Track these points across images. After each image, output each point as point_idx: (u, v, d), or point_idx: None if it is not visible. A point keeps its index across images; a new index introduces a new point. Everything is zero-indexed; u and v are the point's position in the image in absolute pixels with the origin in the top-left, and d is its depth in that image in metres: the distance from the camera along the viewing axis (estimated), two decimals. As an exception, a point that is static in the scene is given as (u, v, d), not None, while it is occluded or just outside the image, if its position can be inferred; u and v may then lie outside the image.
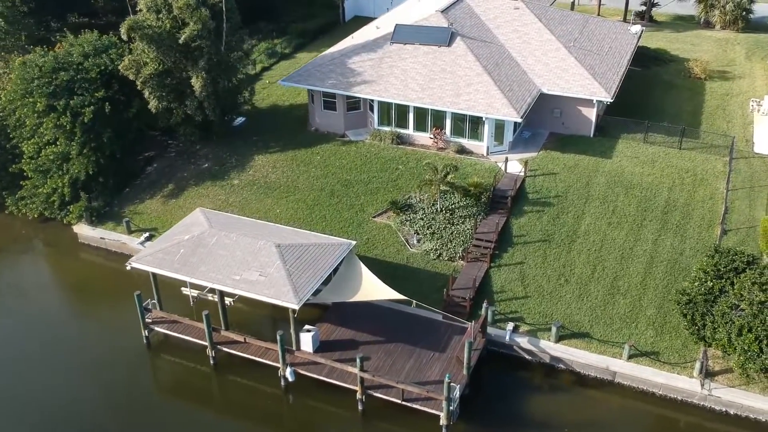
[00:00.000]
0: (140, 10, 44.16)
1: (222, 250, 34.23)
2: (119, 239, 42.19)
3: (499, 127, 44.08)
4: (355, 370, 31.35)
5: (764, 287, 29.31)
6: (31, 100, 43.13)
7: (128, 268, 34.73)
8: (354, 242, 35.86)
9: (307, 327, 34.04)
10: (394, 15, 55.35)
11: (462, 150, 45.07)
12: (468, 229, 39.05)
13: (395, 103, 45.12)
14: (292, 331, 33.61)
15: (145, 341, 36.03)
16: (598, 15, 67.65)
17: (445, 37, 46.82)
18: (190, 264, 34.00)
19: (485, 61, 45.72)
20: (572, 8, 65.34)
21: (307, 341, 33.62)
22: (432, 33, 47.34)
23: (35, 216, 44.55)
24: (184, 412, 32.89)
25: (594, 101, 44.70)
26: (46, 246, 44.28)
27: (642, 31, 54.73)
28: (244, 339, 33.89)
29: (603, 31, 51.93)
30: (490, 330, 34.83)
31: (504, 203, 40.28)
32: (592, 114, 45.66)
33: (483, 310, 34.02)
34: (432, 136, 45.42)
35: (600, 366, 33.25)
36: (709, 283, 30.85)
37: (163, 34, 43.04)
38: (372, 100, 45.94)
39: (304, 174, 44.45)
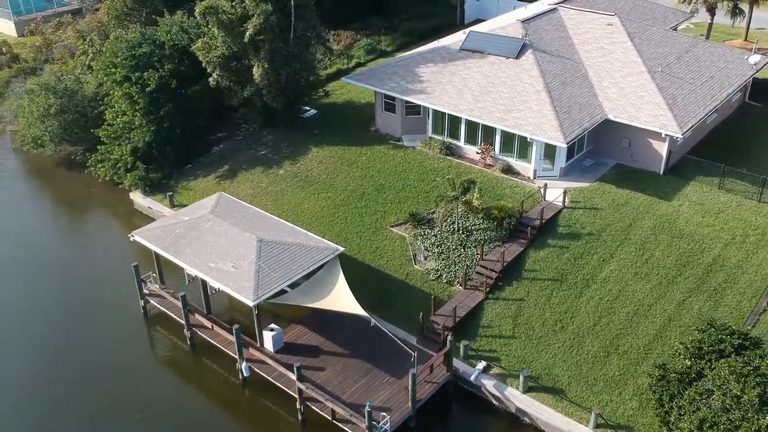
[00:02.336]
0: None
1: (210, 236, 35.02)
2: (162, 211, 44.61)
3: (551, 149, 40.68)
4: (293, 377, 30.76)
5: (744, 379, 24.49)
6: (113, 71, 46.75)
7: (131, 239, 36.69)
8: (341, 249, 35.05)
9: (271, 326, 33.93)
10: (498, 20, 52.93)
11: (509, 169, 42.19)
12: (476, 253, 36.62)
13: (447, 113, 43.23)
14: (256, 327, 33.75)
15: (142, 311, 37.92)
16: (745, 39, 59.97)
17: (514, 49, 43.96)
18: (179, 245, 35.16)
19: (551, 78, 42.29)
20: (708, 33, 58.33)
21: (268, 340, 33.52)
22: (503, 43, 44.64)
23: (106, 179, 48.31)
24: (151, 384, 34.04)
25: (663, 135, 39.72)
26: (105, 207, 47.88)
27: (766, 63, 47.55)
28: (212, 326, 34.51)
29: (710, 58, 45.82)
30: (460, 365, 32.52)
31: (530, 232, 37.21)
32: (662, 148, 40.63)
33: (448, 342, 31.77)
34: (479, 151, 42.98)
35: (563, 429, 29.79)
36: (687, 361, 26.38)
37: (234, 21, 44.56)
38: (427, 107, 44.41)
39: (345, 173, 44.08)
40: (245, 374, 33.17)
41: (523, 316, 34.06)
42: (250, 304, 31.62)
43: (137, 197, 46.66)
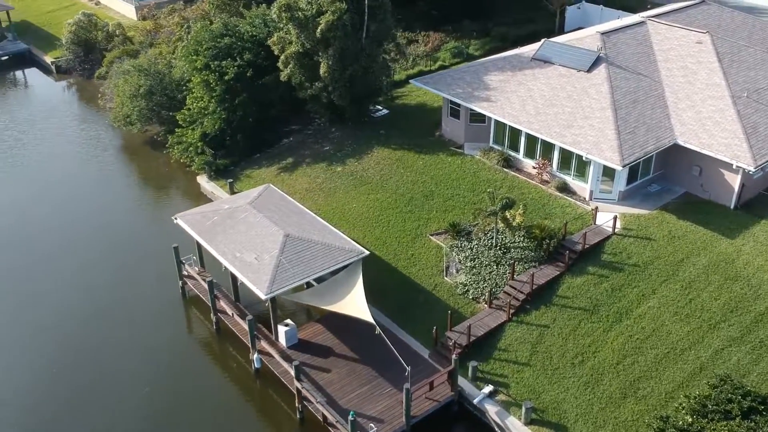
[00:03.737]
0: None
1: (243, 226, 35.71)
2: (222, 196, 46.00)
3: (610, 171, 38.26)
4: (291, 373, 30.85)
5: (743, 447, 22.01)
6: (195, 58, 48.70)
7: (175, 221, 38.09)
8: (366, 253, 34.67)
9: (286, 321, 34.18)
10: (590, 30, 50.40)
11: (564, 188, 40.15)
12: (507, 272, 35.14)
13: (508, 124, 41.72)
14: (272, 320, 34.12)
15: (180, 291, 39.34)
16: None
17: (587, 62, 41.69)
18: (214, 232, 36.12)
19: (620, 95, 39.78)
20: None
21: (281, 335, 33.78)
22: (576, 55, 42.46)
23: (180, 160, 50.43)
24: (168, 362, 35.16)
25: (735, 166, 36.33)
26: (175, 187, 49.97)
27: None
28: (233, 314, 35.21)
29: (813, 86, 41.42)
30: (467, 386, 31.35)
31: (569, 256, 35.25)
32: (735, 181, 37.20)
33: (453, 361, 30.67)
34: (536, 166, 41.16)
35: (559, 468, 28.11)
36: (688, 417, 24.02)
37: (309, 19, 45.13)
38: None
39: (398, 176, 43.61)
40: (256, 365, 33.68)
41: (543, 344, 32.34)
42: (263, 297, 31.98)
43: (203, 181, 48.42)
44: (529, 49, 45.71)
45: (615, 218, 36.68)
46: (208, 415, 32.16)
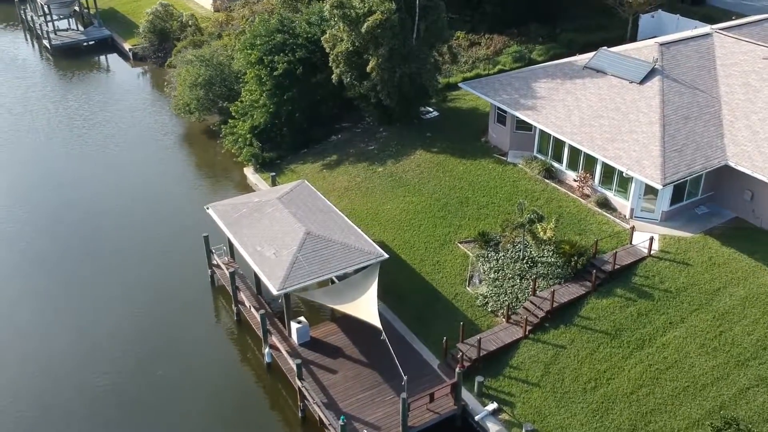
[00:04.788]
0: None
1: (268, 221, 35.95)
2: (263, 189, 46.55)
3: (653, 189, 36.28)
4: (294, 370, 30.80)
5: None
6: (249, 52, 49.43)
7: (207, 210, 38.73)
8: (385, 256, 34.23)
9: (299, 318, 34.16)
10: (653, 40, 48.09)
11: (605, 204, 38.38)
12: (529, 287, 33.90)
13: (552, 134, 40.27)
14: (285, 316, 34.19)
15: (209, 279, 40.00)
16: None
17: (640, 73, 39.69)
18: (240, 224, 36.52)
19: (672, 110, 37.68)
20: None
21: (293, 331, 33.78)
22: (630, 65, 40.49)
23: (231, 151, 51.30)
24: (186, 347, 35.82)
25: (788, 193, 33.83)
26: (223, 176, 50.84)
27: None
28: (249, 307, 35.47)
29: None
30: (472, 401, 30.44)
31: (596, 275, 33.68)
32: (788, 209, 34.65)
33: (456, 374, 29.81)
34: (577, 179, 39.54)
35: (553, 497, 26.87)
36: (684, 459, 22.44)
37: (360, 17, 44.97)
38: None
39: (436, 180, 42.86)
40: (267, 360, 33.85)
41: (557, 365, 31.03)
42: (274, 293, 32.07)
43: (249, 173, 49.14)
44: (585, 58, 43.98)
45: (651, 239, 34.79)
46: (215, 405, 32.54)
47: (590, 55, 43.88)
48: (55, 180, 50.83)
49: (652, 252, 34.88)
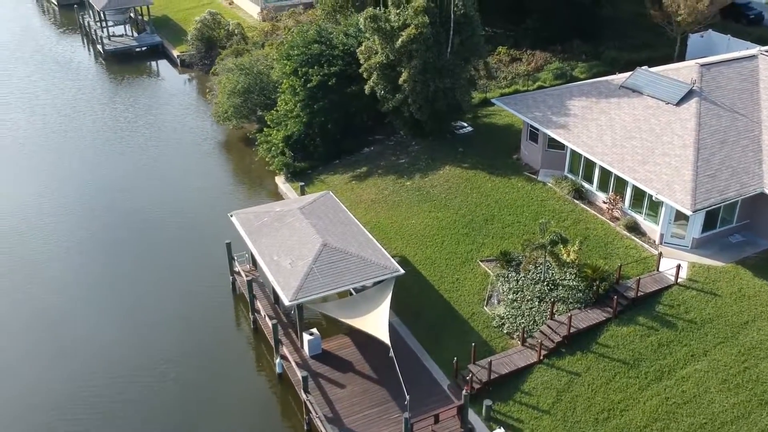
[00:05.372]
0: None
1: (287, 231, 35.91)
2: (292, 198, 46.68)
3: (684, 214, 34.92)
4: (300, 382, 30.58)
5: None
6: (285, 62, 49.79)
7: (230, 217, 38.95)
8: (401, 272, 33.79)
9: (311, 330, 33.94)
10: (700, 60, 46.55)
11: (634, 228, 37.13)
12: (546, 310, 32.97)
13: (583, 155, 39.24)
14: (298, 327, 34.04)
15: (231, 286, 40.19)
16: None
17: (676, 95, 38.39)
18: (260, 233, 36.60)
19: (708, 134, 36.30)
20: None
21: (305, 343, 33.58)
22: (666, 86, 39.20)
23: (264, 159, 51.63)
24: (200, 352, 35.91)
25: (827, 225, 32.10)
26: (255, 184, 51.25)
27: None
28: (265, 316, 35.43)
29: None
30: (479, 425, 29.66)
31: (617, 301, 32.55)
32: (827, 242, 32.88)
33: (463, 397, 29.09)
34: (606, 201, 38.39)
35: None
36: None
37: (394, 30, 44.80)
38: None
39: (463, 196, 42.23)
40: (278, 370, 33.73)
41: (570, 393, 30.02)
42: (286, 303, 31.98)
43: (280, 181, 49.37)
44: (623, 77, 42.83)
45: (678, 267, 33.46)
46: (223, 412, 32.55)
47: (629, 74, 42.75)
48: (92, 179, 52.05)
49: (679, 280, 33.54)
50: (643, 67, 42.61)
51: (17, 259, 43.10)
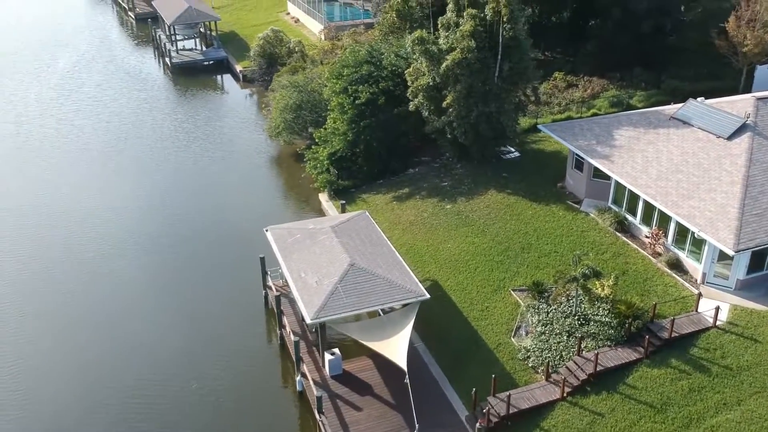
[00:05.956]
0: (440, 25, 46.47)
1: (318, 248, 35.98)
2: (332, 215, 46.79)
3: (728, 254, 33.26)
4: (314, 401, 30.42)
5: None
6: (336, 81, 50.21)
7: (266, 232, 39.28)
8: (426, 296, 33.30)
9: (333, 350, 33.73)
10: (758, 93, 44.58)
11: (676, 265, 35.60)
12: (575, 346, 31.84)
13: (627, 186, 37.95)
14: (320, 346, 33.93)
15: (263, 299, 40.47)
16: None
17: (728, 128, 36.78)
18: (291, 249, 36.79)
19: (759, 170, 34.60)
20: None
21: (326, 363, 33.41)
22: (719, 119, 37.62)
23: (311, 175, 52.04)
24: (226, 363, 36.21)
25: None
26: (300, 199, 51.56)
27: None
28: (290, 332, 35.45)
29: None
30: (493, 459, 28.85)
31: (649, 341, 31.18)
32: None
33: (476, 430, 28.28)
34: (649, 235, 36.94)
35: None
36: None
37: (441, 53, 44.62)
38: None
39: (502, 223, 41.44)
40: (298, 388, 33.68)
41: (591, 433, 28.88)
42: (308, 321, 31.95)
43: (323, 198, 49.65)
44: (674, 108, 41.38)
45: (717, 309, 31.84)
46: (240, 425, 32.64)
47: (681, 105, 41.27)
48: (145, 185, 53.68)
49: (718, 323, 31.93)
50: (699, 99, 41.19)
51: (63, 258, 44.66)
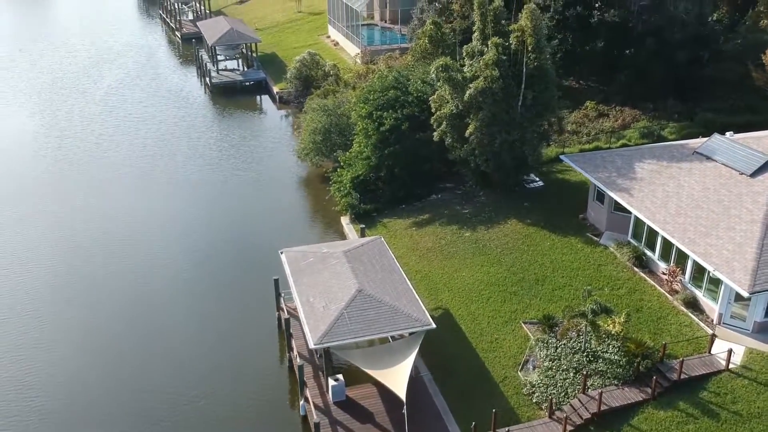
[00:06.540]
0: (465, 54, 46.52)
1: (328, 273, 36.15)
2: (352, 238, 46.96)
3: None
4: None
5: None
6: (362, 105, 50.63)
7: (280, 254, 39.63)
8: (432, 326, 33.05)
9: (336, 376, 33.68)
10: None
11: (693, 303, 34.70)
12: (580, 382, 31.19)
13: (645, 222, 37.22)
14: (324, 371, 33.95)
15: (276, 321, 40.75)
16: None
17: (752, 165, 35.89)
18: (303, 272, 37.02)
19: (781, 210, 33.58)
20: None
21: (329, 388, 33.39)
22: (743, 156, 36.73)
23: (334, 198, 52.39)
24: (234, 383, 36.50)
25: None
26: (322, 222, 51.88)
27: None
28: (296, 356, 35.56)
29: None
30: (489, 496, 28.35)
31: (656, 382, 30.36)
32: None
33: (470, 464, 27.94)
34: (665, 272, 36.07)
35: None
36: None
37: (465, 80, 44.64)
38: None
39: (519, 253, 41.02)
40: (302, 413, 33.74)
41: (590, 475, 28.20)
42: (311, 346, 32.06)
43: (345, 222, 49.91)
44: (699, 142, 40.53)
45: (730, 351, 30.86)
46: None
47: (705, 139, 40.43)
48: (174, 202, 54.86)
49: (731, 366, 30.96)
50: (728, 133, 40.41)
51: (79, 275, 45.76)
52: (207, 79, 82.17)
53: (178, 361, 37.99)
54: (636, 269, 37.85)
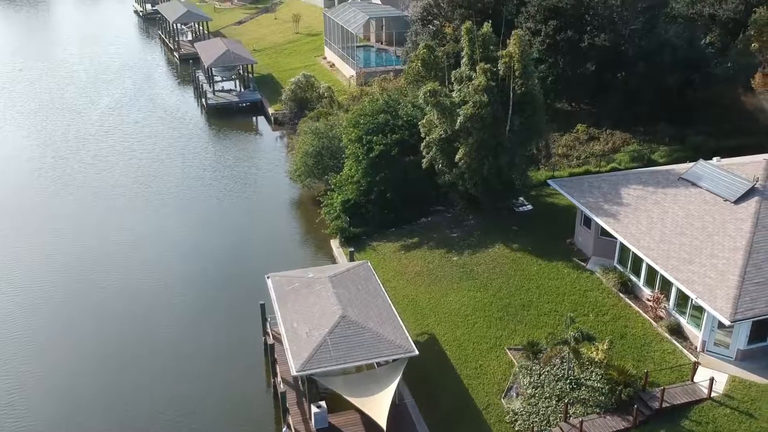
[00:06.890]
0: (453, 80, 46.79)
1: (313, 298, 36.21)
2: (341, 262, 47.05)
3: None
4: (293, 461, 30.29)
5: None
6: (352, 129, 50.89)
7: (267, 279, 39.71)
8: (415, 353, 33.01)
9: (318, 403, 33.59)
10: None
11: (677, 330, 34.65)
12: (561, 411, 31.09)
13: (630, 248, 37.26)
14: (306, 398, 33.90)
15: (263, 345, 40.72)
16: None
17: (736, 192, 35.92)
18: (288, 298, 37.07)
19: (764, 236, 33.62)
20: None
21: (312, 416, 33.32)
22: (726, 183, 36.79)
23: (324, 221, 52.57)
24: (219, 407, 36.50)
25: None
26: (312, 244, 52.12)
27: None
28: (280, 382, 35.52)
29: None
30: None
31: (637, 410, 30.28)
32: None
33: (450, 494, 27.82)
34: (650, 299, 36.06)
35: None
36: None
37: (454, 105, 44.88)
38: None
39: (506, 278, 41.04)
40: (283, 438, 33.75)
41: (570, 505, 28.04)
42: (293, 373, 32.03)
43: (334, 245, 50.02)
44: (685, 167, 40.64)
45: (711, 380, 30.77)
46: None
47: (691, 165, 40.55)
48: (167, 222, 55.24)
49: (713, 394, 30.84)
50: (715, 158, 40.65)
51: (68, 296, 45.86)
52: (203, 99, 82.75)
53: (165, 384, 38.01)
54: (621, 295, 37.84)
